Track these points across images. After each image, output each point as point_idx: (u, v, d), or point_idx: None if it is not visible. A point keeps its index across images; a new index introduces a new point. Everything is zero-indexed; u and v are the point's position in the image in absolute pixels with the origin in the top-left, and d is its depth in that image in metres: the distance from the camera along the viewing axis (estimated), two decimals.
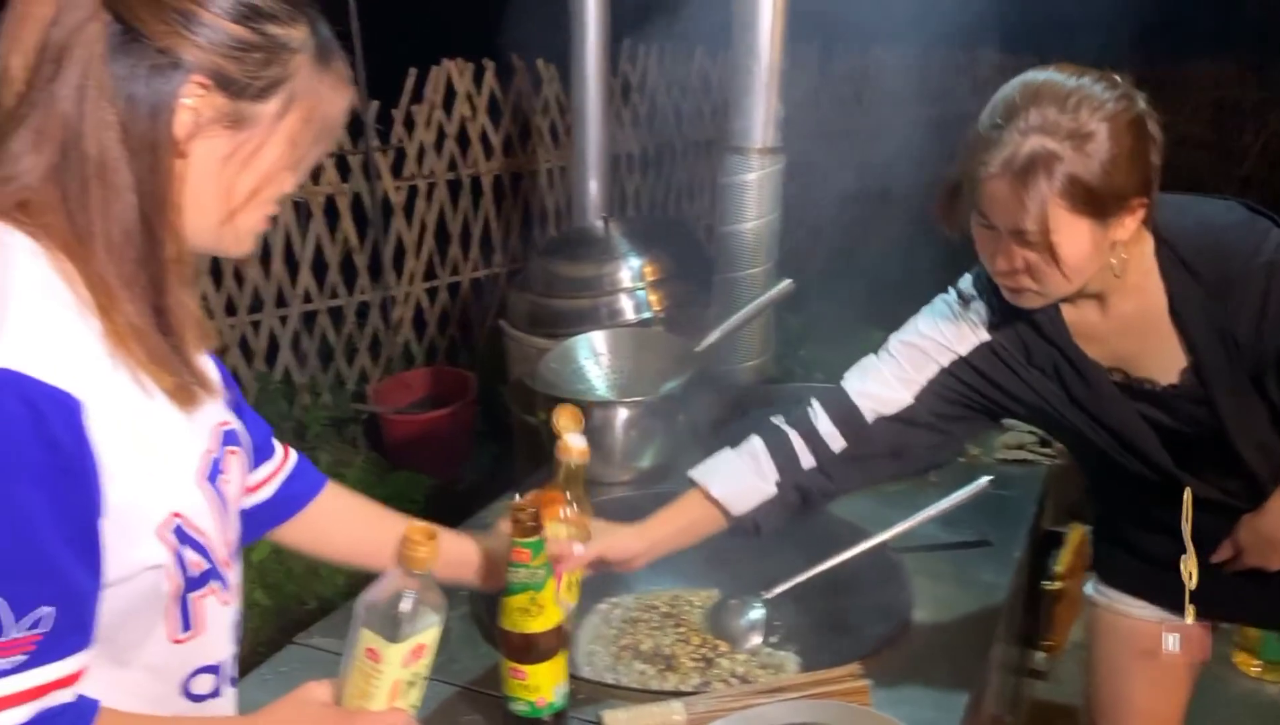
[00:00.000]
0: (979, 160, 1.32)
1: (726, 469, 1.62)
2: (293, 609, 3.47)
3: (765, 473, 1.59)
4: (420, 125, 4.85)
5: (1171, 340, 1.46)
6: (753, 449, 1.61)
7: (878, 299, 4.39)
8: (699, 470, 1.64)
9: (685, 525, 1.61)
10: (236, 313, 4.44)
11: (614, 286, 2.89)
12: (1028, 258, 1.35)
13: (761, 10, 2.50)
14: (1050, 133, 1.28)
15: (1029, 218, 1.30)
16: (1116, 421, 1.53)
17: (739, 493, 1.60)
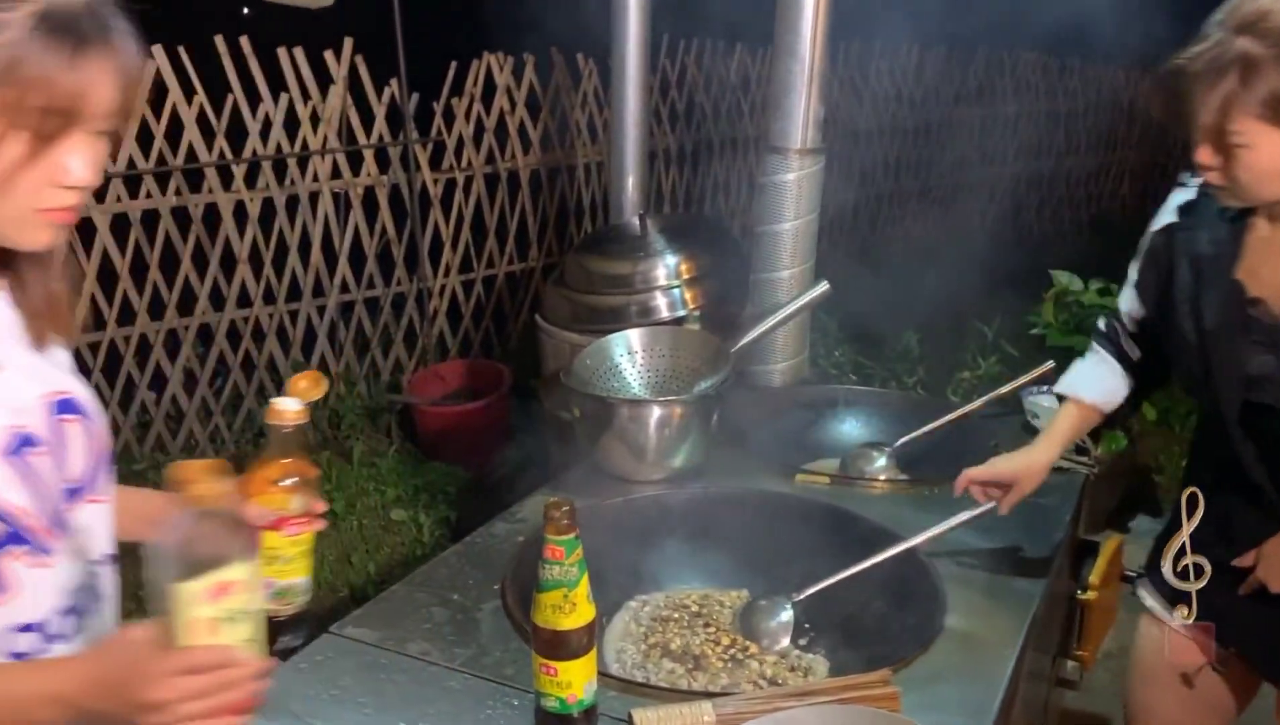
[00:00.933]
0: (1188, 50, 1.35)
1: (1092, 377, 1.80)
2: (325, 597, 3.51)
3: (1117, 372, 1.78)
4: (459, 118, 4.88)
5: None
6: (1102, 356, 1.80)
7: (913, 301, 4.38)
8: (1068, 386, 1.82)
9: (1073, 431, 1.81)
10: (275, 301, 4.49)
11: (649, 284, 2.89)
12: (1219, 157, 1.37)
13: (804, 11, 2.49)
14: (1262, 36, 1.29)
15: (1219, 117, 1.32)
16: (1218, 348, 1.52)
17: (1108, 394, 1.79)
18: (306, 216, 4.50)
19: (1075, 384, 1.82)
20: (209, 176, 4.22)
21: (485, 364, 4.82)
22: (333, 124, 4.47)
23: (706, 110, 6.07)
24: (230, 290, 4.37)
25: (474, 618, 1.68)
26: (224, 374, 4.46)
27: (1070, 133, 8.28)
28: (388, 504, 4.00)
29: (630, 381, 2.31)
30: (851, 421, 2.52)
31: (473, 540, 1.94)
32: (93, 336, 4.09)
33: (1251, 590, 1.60)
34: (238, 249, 4.34)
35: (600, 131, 5.44)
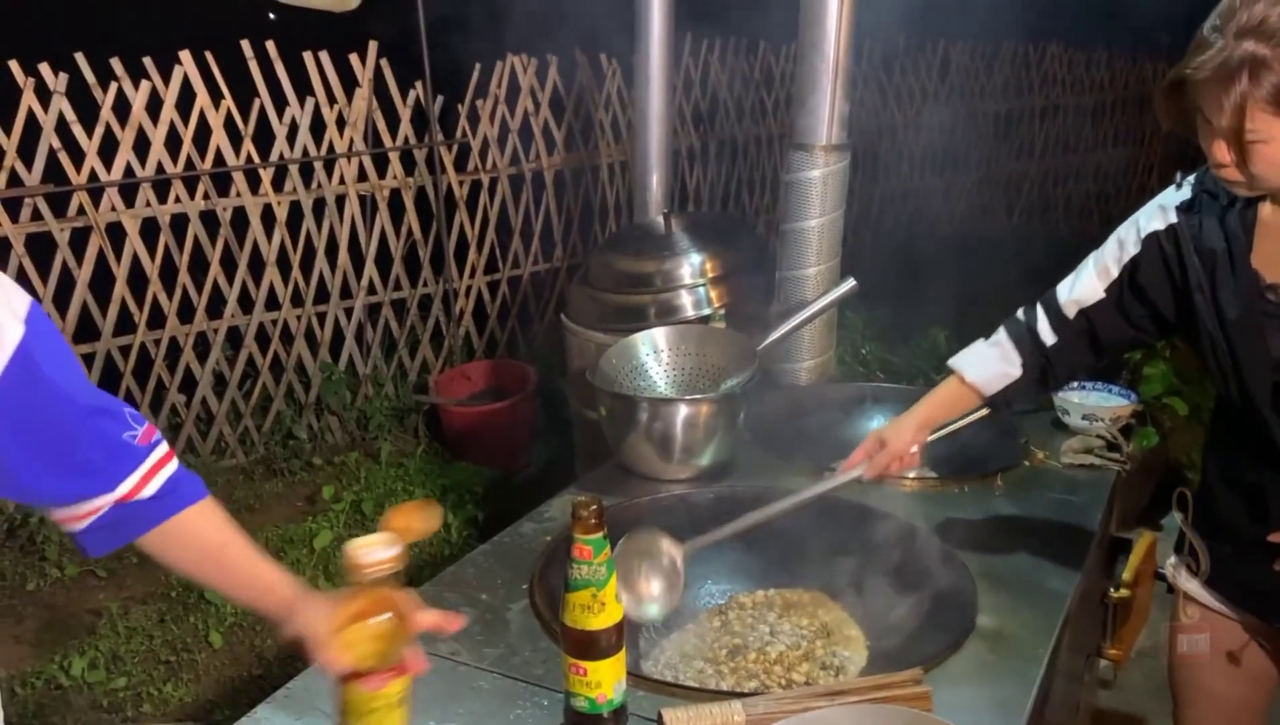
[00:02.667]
0: (1194, 61, 1.37)
1: (978, 357, 1.82)
2: None
3: (1010, 359, 1.77)
4: (484, 120, 4.89)
5: None
6: (999, 339, 1.80)
7: (940, 298, 4.35)
8: (956, 360, 1.84)
9: (949, 403, 1.83)
10: (303, 304, 4.52)
11: (674, 282, 2.88)
12: (1236, 155, 1.39)
13: (828, 7, 2.48)
14: (1264, 37, 1.30)
15: (1235, 120, 1.34)
16: (1242, 335, 1.53)
17: (989, 378, 1.79)
18: (333, 219, 4.52)
19: (962, 361, 1.85)
20: (237, 180, 4.26)
21: (511, 364, 4.83)
22: (358, 127, 4.49)
23: (729, 109, 6.05)
24: (258, 293, 4.41)
25: (503, 617, 1.68)
26: (253, 376, 4.49)
27: (1098, 127, 8.20)
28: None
29: (656, 380, 2.31)
30: (879, 419, 2.49)
31: (500, 540, 1.94)
32: (123, 340, 4.13)
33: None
34: (265, 252, 4.37)
35: (624, 131, 5.44)
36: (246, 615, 3.41)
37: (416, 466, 4.32)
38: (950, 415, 1.85)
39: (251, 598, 1.30)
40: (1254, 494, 1.64)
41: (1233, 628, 1.76)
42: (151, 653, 3.26)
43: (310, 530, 3.82)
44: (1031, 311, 1.78)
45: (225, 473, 4.31)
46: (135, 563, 3.75)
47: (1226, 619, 1.77)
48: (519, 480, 4.36)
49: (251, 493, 4.20)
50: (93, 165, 3.92)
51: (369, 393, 4.72)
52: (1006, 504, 2.02)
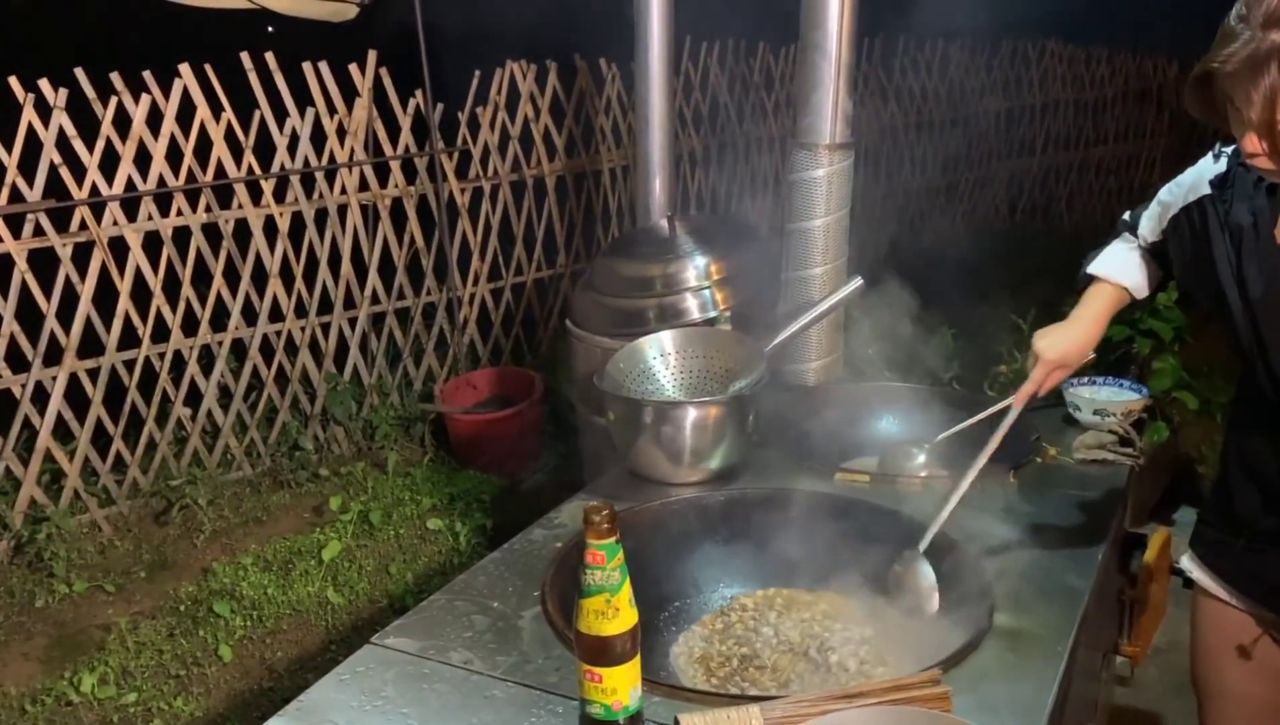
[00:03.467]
0: (1220, 54, 1.36)
1: (1127, 263, 1.84)
2: (364, 607, 3.51)
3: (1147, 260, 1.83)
4: (484, 127, 4.89)
5: None
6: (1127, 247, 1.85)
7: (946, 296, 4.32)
8: (1103, 269, 1.85)
9: (1108, 311, 1.85)
10: (306, 315, 4.51)
11: (679, 285, 2.87)
12: (1267, 144, 1.38)
13: (830, 6, 2.47)
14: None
15: (1265, 110, 1.33)
16: (1266, 310, 1.52)
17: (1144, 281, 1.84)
18: (335, 229, 4.52)
19: (1110, 267, 1.85)
20: (238, 192, 4.25)
21: (516, 371, 4.82)
22: (359, 136, 4.49)
23: (730, 111, 6.05)
24: (262, 305, 4.40)
25: (515, 625, 1.66)
26: (258, 388, 4.49)
27: (1099, 122, 8.19)
28: (424, 513, 4.00)
29: (664, 384, 2.30)
30: (889, 419, 2.48)
31: (511, 547, 1.92)
32: (128, 354, 4.13)
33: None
34: (268, 263, 4.37)
35: (625, 135, 5.44)
36: (257, 628, 3.40)
37: (423, 476, 4.31)
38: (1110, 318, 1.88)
39: None
40: (1272, 484, 1.63)
41: (1249, 623, 1.75)
42: (161, 667, 3.25)
43: (318, 541, 3.81)
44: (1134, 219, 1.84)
45: (232, 485, 4.30)
46: (144, 577, 3.74)
47: (1243, 614, 1.76)
48: (527, 487, 4.35)
49: (259, 505, 4.19)
50: (94, 180, 3.92)
51: (374, 403, 4.71)
52: (1020, 501, 2.00)
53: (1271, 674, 1.78)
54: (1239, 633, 1.76)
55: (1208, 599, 1.81)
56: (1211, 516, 1.79)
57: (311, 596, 3.54)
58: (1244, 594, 1.74)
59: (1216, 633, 1.81)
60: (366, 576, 3.65)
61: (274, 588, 3.57)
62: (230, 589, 3.57)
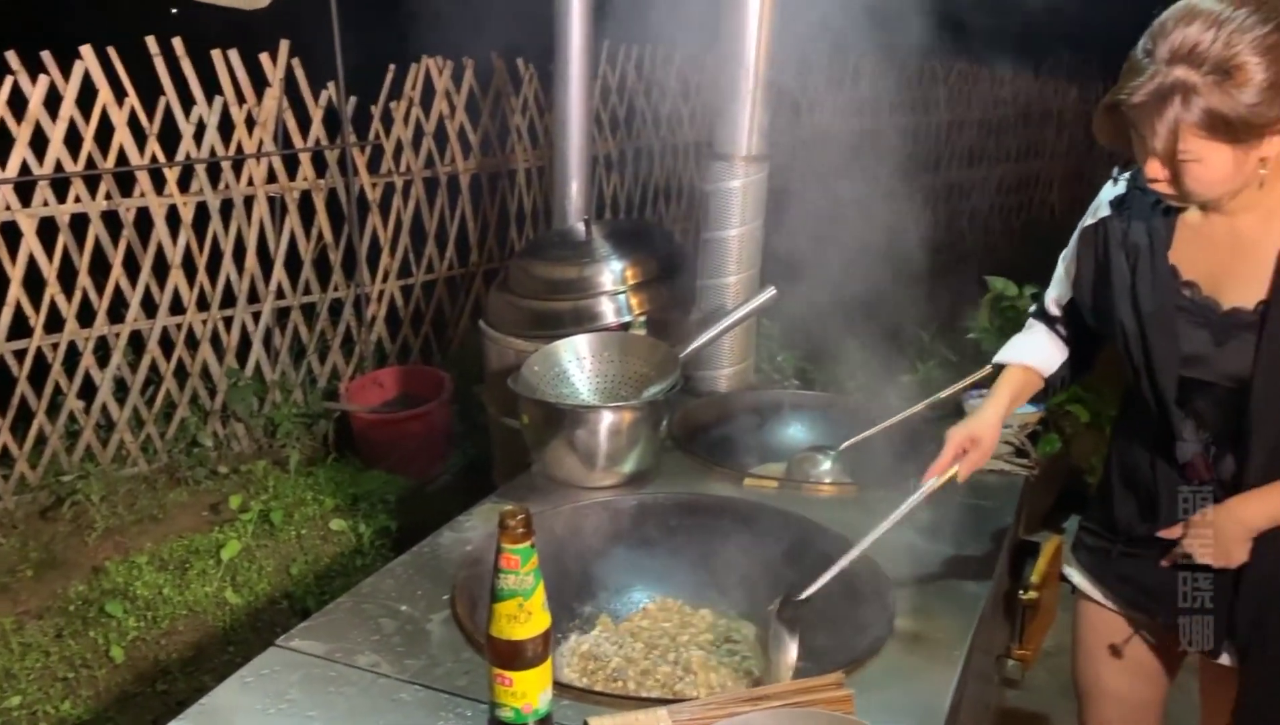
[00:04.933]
0: (1126, 85, 1.42)
1: (1030, 345, 1.92)
2: (264, 608, 3.44)
3: (1054, 341, 1.89)
4: (398, 122, 4.83)
5: (1264, 274, 1.51)
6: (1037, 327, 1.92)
7: (852, 307, 4.41)
8: (1011, 352, 1.93)
9: (1020, 390, 1.91)
10: (209, 308, 4.40)
11: (595, 289, 2.88)
12: (1169, 172, 1.45)
13: (748, 19, 2.51)
14: (1195, 64, 1.36)
15: (1168, 141, 1.40)
16: (1156, 329, 1.60)
17: (1048, 359, 1.90)
18: (241, 221, 4.41)
19: (1015, 351, 1.93)
20: (141, 180, 4.12)
21: (425, 370, 4.77)
22: (268, 127, 4.39)
23: (648, 116, 6.08)
24: (163, 297, 4.27)
25: (424, 629, 1.66)
26: (156, 382, 4.35)
27: (1001, 142, 8.45)
28: (326, 514, 3.93)
29: (579, 387, 2.31)
30: (797, 426, 2.54)
31: (420, 550, 1.91)
32: (18, 344, 3.97)
33: (1175, 562, 1.67)
34: (170, 254, 4.24)
35: (541, 136, 5.42)
36: (151, 629, 3.30)
37: (326, 475, 4.24)
38: (1022, 402, 1.95)
39: None
40: (1148, 492, 1.71)
41: (1123, 625, 1.84)
42: (48, 669, 3.13)
43: (217, 541, 3.72)
44: (1039, 307, 1.91)
45: (127, 481, 4.17)
46: (31, 576, 3.60)
47: (1118, 616, 1.84)
48: (433, 489, 4.31)
49: (154, 502, 4.07)
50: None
51: (277, 400, 4.61)
52: (921, 509, 2.06)
53: (1145, 673, 1.87)
54: (1115, 634, 1.86)
55: (1087, 602, 1.90)
56: (1092, 523, 1.88)
57: (209, 597, 3.45)
58: (1119, 597, 1.83)
59: (1095, 634, 1.89)
60: (266, 577, 3.57)
61: (170, 588, 3.47)
62: (123, 589, 3.46)
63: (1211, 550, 1.60)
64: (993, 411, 1.85)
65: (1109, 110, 1.48)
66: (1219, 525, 1.59)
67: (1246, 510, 1.58)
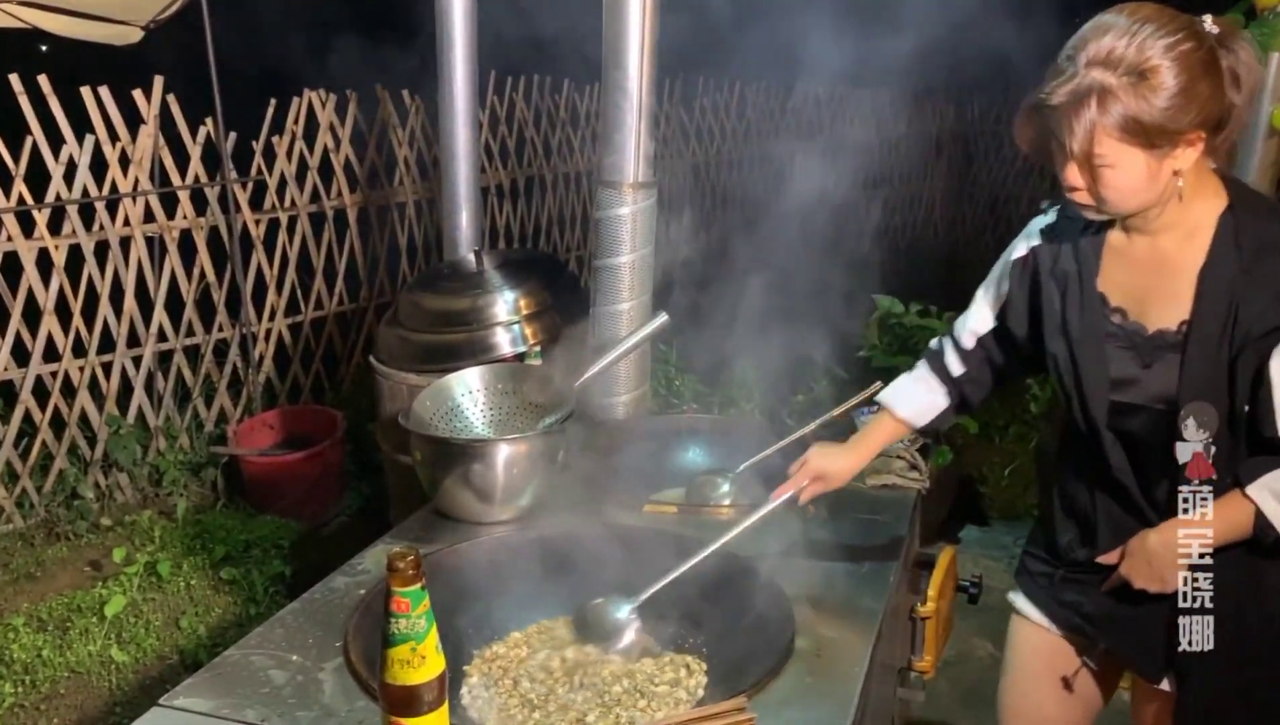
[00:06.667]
0: (1048, 87, 1.45)
1: (906, 392, 1.93)
2: (153, 665, 3.29)
3: (935, 389, 1.90)
4: (281, 156, 4.73)
5: (1185, 294, 1.54)
6: (921, 373, 1.92)
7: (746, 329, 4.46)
8: (886, 396, 1.94)
9: (882, 440, 1.95)
10: (85, 353, 4.22)
11: (488, 320, 2.86)
12: (1087, 178, 1.48)
13: (630, 48, 2.53)
14: (1111, 67, 1.40)
15: (1085, 143, 1.43)
16: (1085, 356, 1.62)
17: (920, 410, 1.91)
18: (118, 263, 4.25)
19: (893, 396, 1.95)
20: (8, 223, 3.94)
21: (317, 410, 4.65)
22: (144, 165, 4.25)
23: (537, 146, 6.08)
24: (35, 343, 4.08)
25: (315, 678, 1.60)
26: (30, 433, 4.15)
27: (885, 164, 8.69)
28: (216, 562, 3.79)
29: (473, 421, 2.27)
30: (695, 450, 2.54)
31: (311, 596, 1.85)
32: None
33: (1114, 587, 1.69)
34: (42, 300, 4.06)
35: (430, 168, 5.37)
36: (30, 694, 3.13)
37: (216, 522, 4.08)
38: (888, 444, 1.98)
39: None
40: (1086, 518, 1.73)
41: (1064, 648, 1.85)
42: None
43: (100, 597, 3.54)
44: (940, 343, 1.90)
45: (0, 539, 3.96)
46: None
47: (1058, 639, 1.85)
48: (329, 532, 4.20)
49: (31, 559, 3.87)
50: None
51: (161, 447, 4.44)
52: (816, 526, 2.09)
53: (1080, 697, 1.88)
54: (1054, 657, 1.86)
55: (1026, 625, 1.89)
56: (1036, 549, 1.89)
57: (93, 656, 3.28)
58: (1062, 621, 1.84)
59: (1034, 657, 1.89)
60: (155, 632, 3.42)
61: (49, 649, 3.29)
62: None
63: (1148, 576, 1.62)
64: (852, 459, 1.92)
65: (1030, 113, 1.52)
66: (1152, 551, 1.61)
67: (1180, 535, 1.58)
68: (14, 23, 3.98)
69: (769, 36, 4.21)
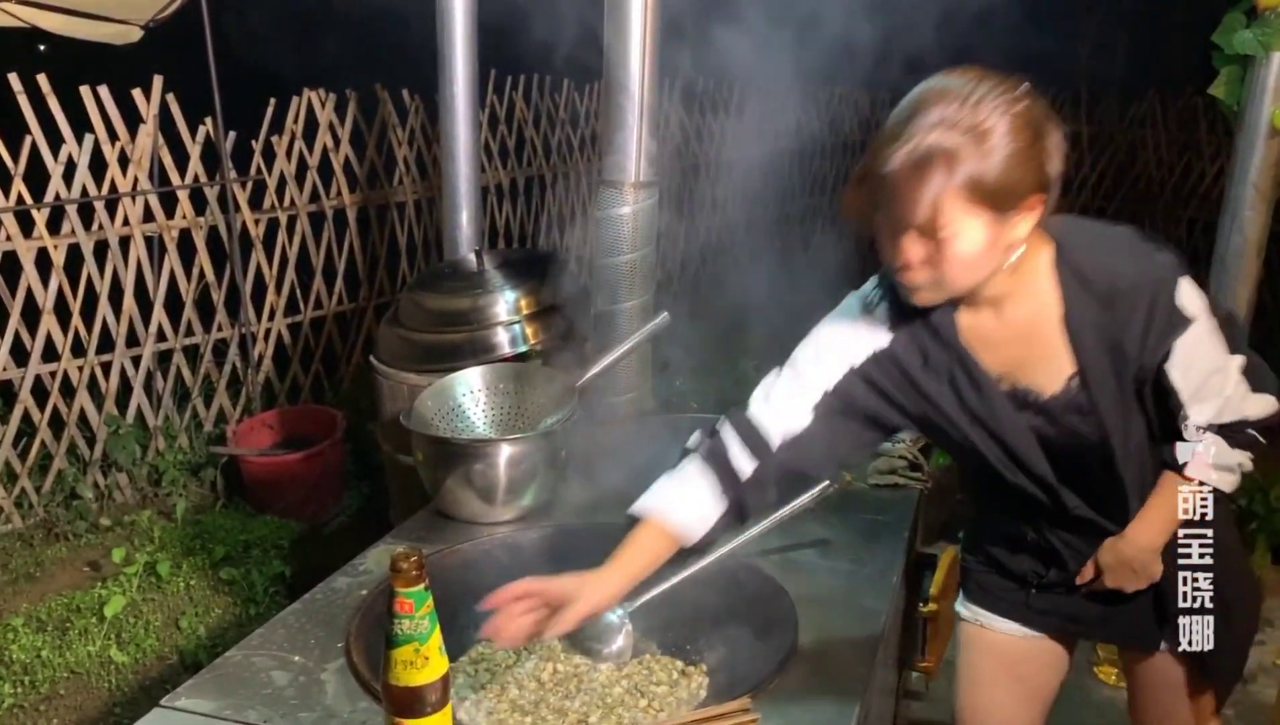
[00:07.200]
0: (882, 154, 1.34)
1: (676, 497, 1.60)
2: (152, 665, 3.28)
3: (710, 495, 1.59)
4: (280, 156, 4.72)
5: (1061, 348, 1.50)
6: (690, 473, 1.61)
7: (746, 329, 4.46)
8: (648, 504, 1.60)
9: (651, 561, 1.59)
10: (84, 353, 4.21)
11: (489, 320, 2.85)
12: (924, 251, 1.37)
13: (632, 48, 2.52)
14: (950, 128, 1.31)
15: (927, 210, 1.33)
16: (1005, 430, 1.56)
17: (695, 519, 1.59)
18: (117, 262, 4.24)
19: (656, 503, 1.59)
20: (7, 223, 3.93)
21: (316, 409, 4.65)
22: (143, 165, 4.24)
23: (536, 145, 6.07)
24: (35, 343, 4.07)
25: (318, 679, 1.60)
26: (30, 433, 4.14)
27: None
28: (216, 563, 3.79)
29: (474, 421, 2.27)
30: None
31: (313, 597, 1.85)
32: None
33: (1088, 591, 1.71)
34: (41, 300, 4.05)
35: (429, 168, 5.37)
36: (29, 694, 3.12)
37: (215, 523, 4.08)
38: (652, 569, 1.60)
39: None
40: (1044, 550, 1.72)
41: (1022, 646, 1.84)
42: None
43: (99, 597, 3.54)
44: (718, 438, 1.61)
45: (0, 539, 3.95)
46: None
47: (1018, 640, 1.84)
48: (329, 532, 4.19)
49: (31, 560, 3.86)
50: None
51: (161, 447, 4.43)
52: (819, 527, 2.08)
53: (1039, 696, 1.89)
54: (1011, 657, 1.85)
55: (985, 631, 1.87)
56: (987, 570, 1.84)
57: (92, 657, 3.28)
58: (1038, 625, 1.82)
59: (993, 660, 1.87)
60: (154, 632, 3.41)
61: (49, 650, 3.28)
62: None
63: (1133, 579, 1.65)
64: (609, 585, 1.54)
65: (859, 183, 1.39)
66: (1129, 558, 1.63)
67: (1147, 536, 1.61)
68: (13, 22, 3.97)
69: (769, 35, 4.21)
